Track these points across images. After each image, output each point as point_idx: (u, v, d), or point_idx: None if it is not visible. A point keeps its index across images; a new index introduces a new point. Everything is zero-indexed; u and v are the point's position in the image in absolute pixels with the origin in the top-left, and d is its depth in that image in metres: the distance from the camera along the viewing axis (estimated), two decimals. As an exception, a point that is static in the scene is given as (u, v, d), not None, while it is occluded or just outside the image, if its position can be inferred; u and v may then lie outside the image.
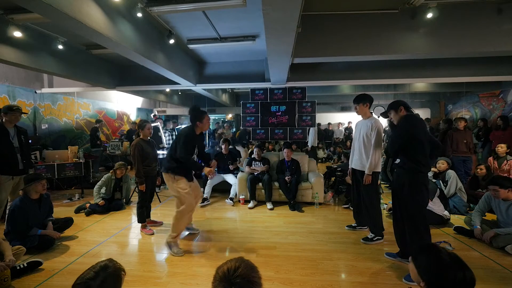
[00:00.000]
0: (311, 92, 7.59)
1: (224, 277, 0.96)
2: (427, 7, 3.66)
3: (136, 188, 3.51)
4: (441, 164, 4.25)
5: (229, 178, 5.03)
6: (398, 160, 2.61)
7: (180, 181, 2.90)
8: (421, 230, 2.40)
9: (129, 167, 3.50)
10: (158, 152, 4.86)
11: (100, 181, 4.40)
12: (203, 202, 4.65)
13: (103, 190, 4.34)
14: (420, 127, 2.43)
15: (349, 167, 3.37)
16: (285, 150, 4.78)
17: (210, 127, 12.55)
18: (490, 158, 4.77)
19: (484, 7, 3.77)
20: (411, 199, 2.42)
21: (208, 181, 4.93)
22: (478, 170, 4.28)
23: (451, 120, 5.90)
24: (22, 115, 3.57)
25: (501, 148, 4.51)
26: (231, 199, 4.76)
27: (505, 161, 4.46)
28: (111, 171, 4.50)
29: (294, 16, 2.68)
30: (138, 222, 3.53)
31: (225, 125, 9.36)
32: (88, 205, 4.20)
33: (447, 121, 5.86)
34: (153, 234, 3.42)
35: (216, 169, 5.07)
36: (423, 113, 11.12)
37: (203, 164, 3.17)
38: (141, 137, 3.51)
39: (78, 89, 6.64)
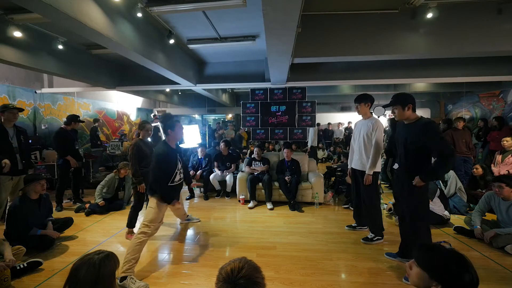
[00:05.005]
0: (311, 92, 7.59)
1: (228, 278, 0.95)
2: (427, 7, 3.65)
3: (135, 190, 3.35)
4: None
5: (227, 176, 5.08)
6: (396, 165, 2.60)
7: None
8: (421, 230, 2.40)
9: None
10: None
11: (103, 181, 4.40)
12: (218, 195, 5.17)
13: (105, 190, 4.34)
14: None
15: (349, 167, 3.37)
16: (285, 150, 4.77)
17: (211, 126, 12.61)
18: (497, 154, 4.68)
19: (484, 7, 3.77)
20: (411, 200, 2.41)
21: (211, 177, 5.04)
22: (474, 170, 4.29)
23: (450, 120, 5.89)
24: (21, 113, 3.56)
25: (507, 142, 4.38)
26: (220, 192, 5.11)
27: (510, 155, 4.38)
28: (114, 170, 4.50)
29: (294, 16, 2.68)
30: (127, 226, 3.28)
31: (229, 124, 9.42)
32: (88, 205, 4.20)
33: (446, 121, 5.86)
34: None
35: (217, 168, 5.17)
36: (423, 113, 11.06)
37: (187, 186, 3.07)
38: (140, 137, 3.46)
39: (78, 89, 6.64)
